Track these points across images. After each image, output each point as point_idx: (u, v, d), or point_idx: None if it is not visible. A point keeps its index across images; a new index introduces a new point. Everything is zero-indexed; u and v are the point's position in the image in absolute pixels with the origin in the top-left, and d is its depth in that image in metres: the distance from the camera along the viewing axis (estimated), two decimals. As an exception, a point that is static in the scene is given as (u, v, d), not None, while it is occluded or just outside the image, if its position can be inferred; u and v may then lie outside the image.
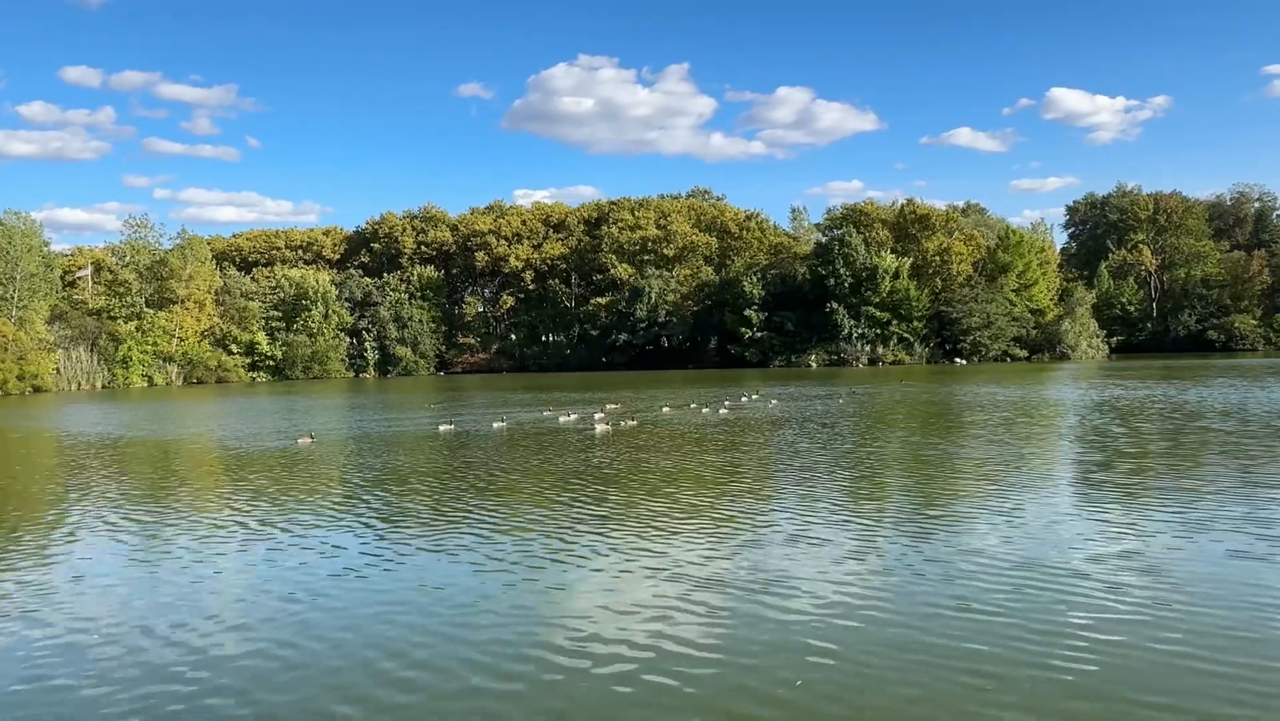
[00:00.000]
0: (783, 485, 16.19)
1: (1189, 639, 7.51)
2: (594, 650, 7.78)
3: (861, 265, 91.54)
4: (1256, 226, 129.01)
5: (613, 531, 12.52)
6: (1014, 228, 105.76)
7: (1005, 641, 7.60)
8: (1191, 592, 8.80)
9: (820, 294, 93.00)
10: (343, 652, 7.94)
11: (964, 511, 13.25)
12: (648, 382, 62.00)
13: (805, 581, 9.64)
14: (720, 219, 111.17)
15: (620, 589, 9.65)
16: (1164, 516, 12.35)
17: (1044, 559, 10.23)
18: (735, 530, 12.41)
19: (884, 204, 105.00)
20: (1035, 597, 8.79)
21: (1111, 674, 6.85)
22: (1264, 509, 12.66)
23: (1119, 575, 9.51)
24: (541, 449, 22.77)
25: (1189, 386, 40.33)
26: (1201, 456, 18.22)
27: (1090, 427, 24.79)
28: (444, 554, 11.58)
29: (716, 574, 10.08)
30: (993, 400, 35.84)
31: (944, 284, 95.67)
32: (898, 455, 19.88)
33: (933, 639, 7.74)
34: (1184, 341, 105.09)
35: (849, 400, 38.24)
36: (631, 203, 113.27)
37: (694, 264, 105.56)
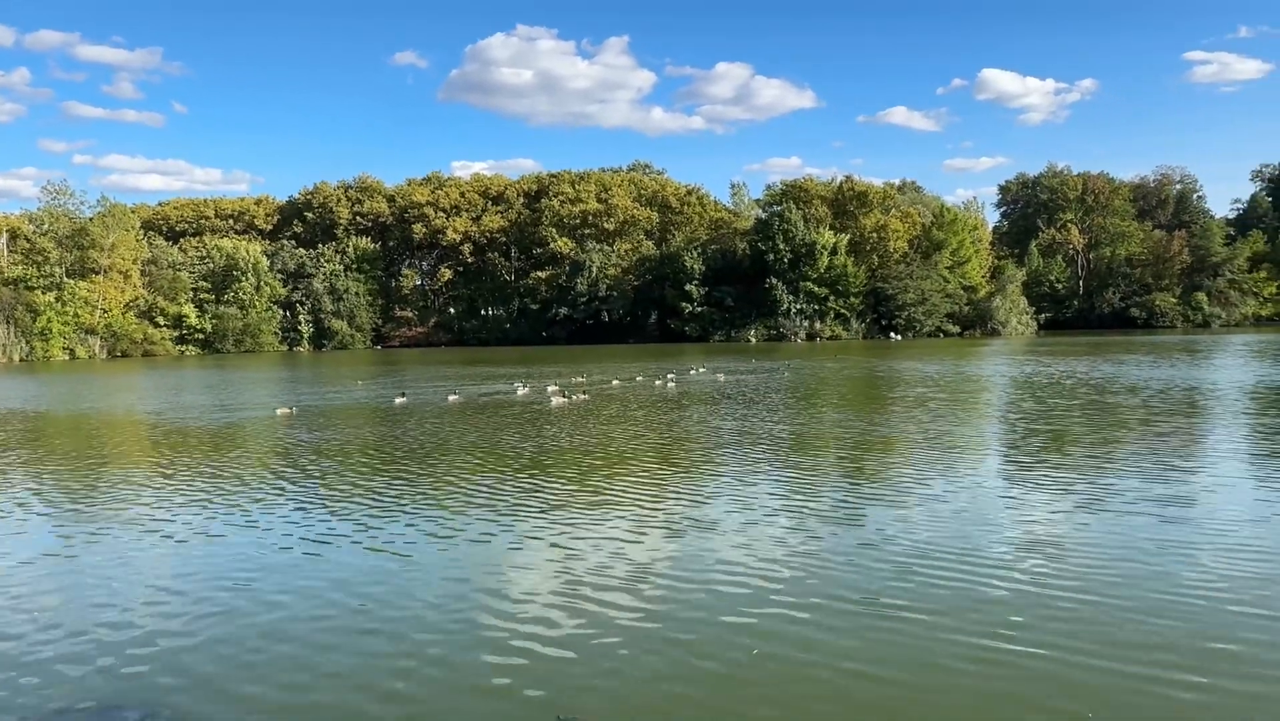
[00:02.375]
0: (729, 459, 16.29)
1: (1103, 613, 7.76)
2: (539, 629, 7.74)
3: (800, 241, 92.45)
4: (1178, 208, 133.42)
5: (562, 507, 12.46)
6: (948, 206, 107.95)
7: (936, 616, 7.76)
8: (1102, 567, 9.09)
9: (760, 269, 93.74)
10: (276, 632, 7.77)
11: (898, 489, 13.48)
12: (589, 357, 61.90)
13: (750, 557, 9.72)
14: (661, 193, 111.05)
15: (568, 562, 9.61)
16: (1083, 492, 12.73)
17: (969, 532, 10.47)
18: (690, 504, 12.45)
19: (823, 181, 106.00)
20: (963, 571, 8.99)
21: (1037, 647, 7.05)
22: (1178, 484, 13.14)
23: (1043, 551, 9.77)
24: (502, 421, 22.58)
25: (1110, 363, 41.69)
26: (1119, 433, 18.82)
27: (1019, 404, 25.45)
28: (392, 529, 11.39)
29: (663, 549, 10.11)
30: (926, 376, 36.58)
31: (880, 260, 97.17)
32: (834, 431, 20.15)
33: (868, 619, 7.87)
34: (1108, 318, 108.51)
35: (789, 374, 38.68)
36: (572, 176, 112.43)
37: (635, 238, 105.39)
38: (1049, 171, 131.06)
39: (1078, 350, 55.31)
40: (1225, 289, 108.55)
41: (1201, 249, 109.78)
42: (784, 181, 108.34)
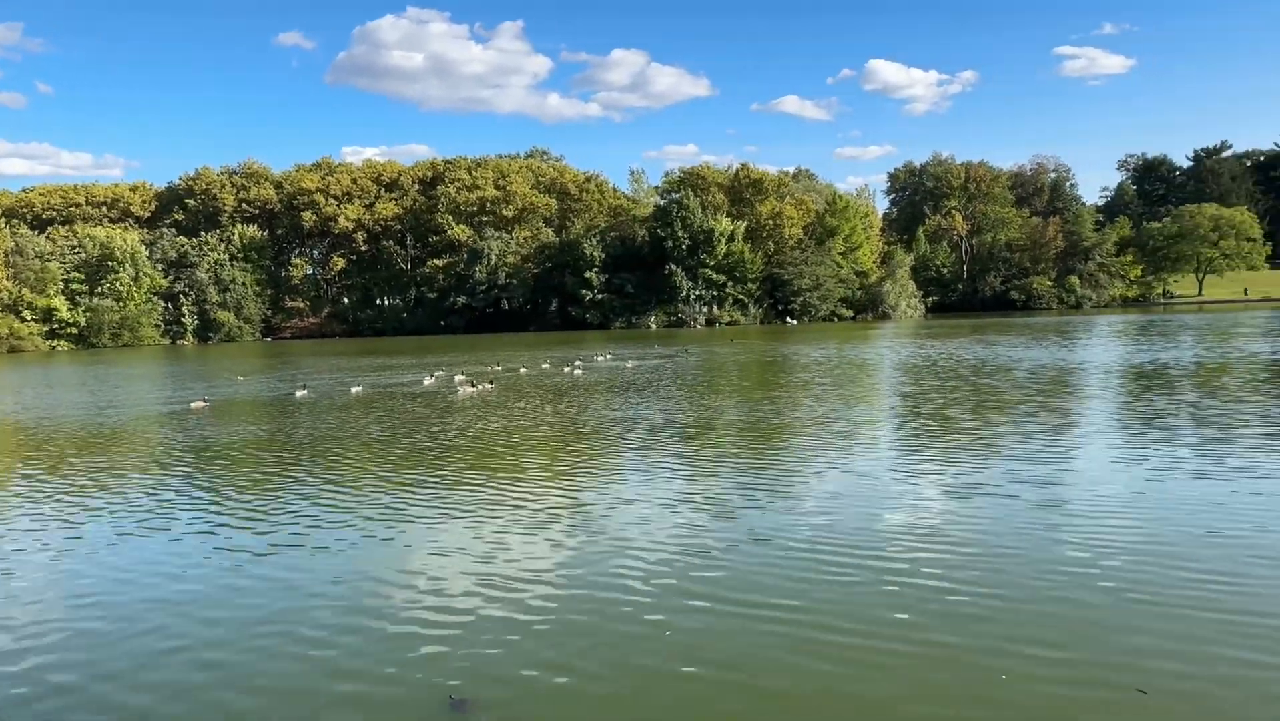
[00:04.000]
0: (633, 446, 16.46)
1: (989, 589, 8.24)
2: (439, 616, 7.74)
3: (699, 228, 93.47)
4: (1052, 195, 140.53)
5: (471, 497, 12.39)
6: (840, 193, 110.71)
7: (840, 594, 8.09)
8: (992, 543, 9.63)
9: (659, 256, 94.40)
10: (175, 632, 7.54)
11: (790, 474, 13.91)
12: (491, 346, 61.33)
13: (649, 546, 9.89)
14: (560, 180, 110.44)
15: (472, 552, 9.60)
16: (962, 475, 13.41)
17: (854, 519, 10.92)
18: (595, 493, 12.54)
19: (719, 168, 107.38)
20: (849, 561, 9.38)
21: (926, 627, 7.44)
22: (1049, 464, 13.95)
23: (925, 537, 10.27)
24: (410, 413, 22.17)
25: (985, 345, 43.73)
26: (994, 414, 19.83)
27: (904, 388, 26.47)
28: (292, 525, 11.13)
29: (567, 538, 10.19)
30: (820, 360, 37.63)
31: (777, 247, 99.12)
32: (731, 417, 20.57)
33: (778, 597, 8.14)
34: (990, 301, 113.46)
35: (689, 360, 39.20)
36: (468, 162, 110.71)
37: (534, 225, 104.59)
38: (934, 160, 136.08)
39: (961, 332, 57.77)
40: (1095, 272, 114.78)
41: (1074, 234, 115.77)
42: (682, 169, 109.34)
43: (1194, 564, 8.39)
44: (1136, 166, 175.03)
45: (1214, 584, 7.83)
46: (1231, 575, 8.03)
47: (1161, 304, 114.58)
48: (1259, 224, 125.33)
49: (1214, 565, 8.32)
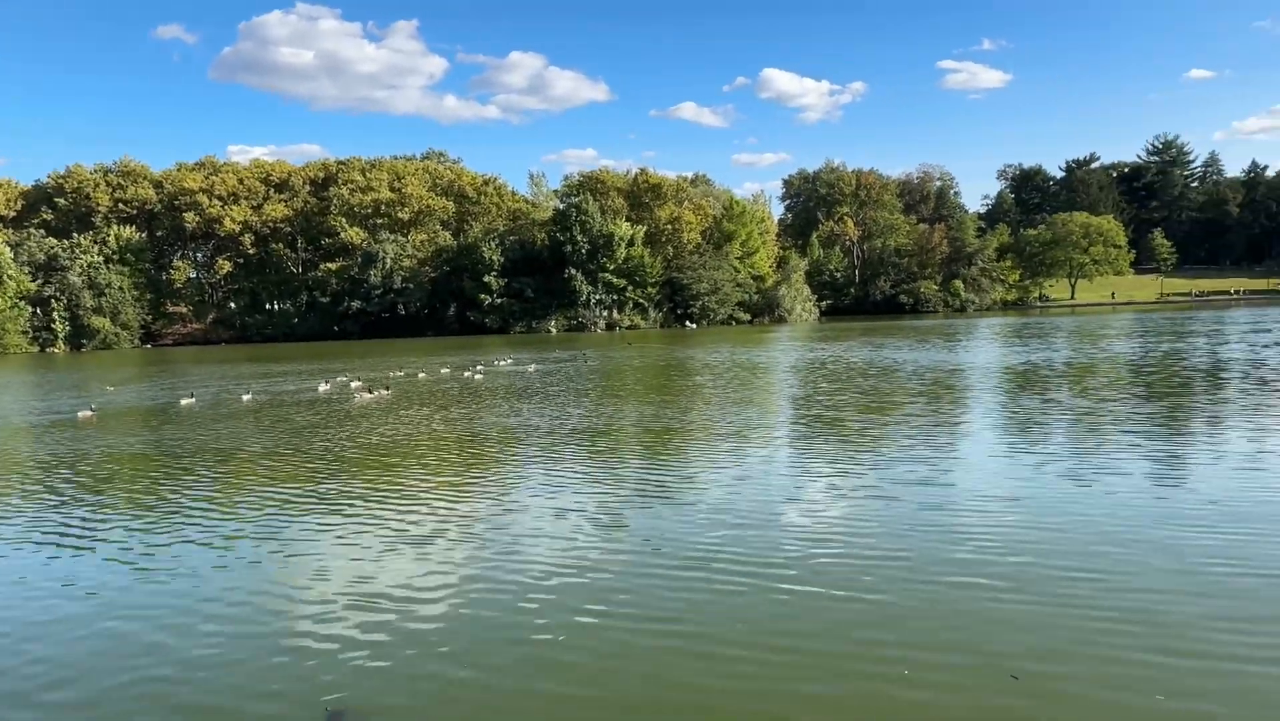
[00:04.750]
0: (529, 452, 16.34)
1: (876, 584, 8.52)
2: (320, 627, 7.51)
3: (598, 233, 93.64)
4: (938, 202, 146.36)
5: (367, 506, 12.05)
6: (737, 199, 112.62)
7: (734, 593, 8.22)
8: (878, 546, 9.96)
9: (559, 260, 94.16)
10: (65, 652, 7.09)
11: (686, 477, 14.06)
12: (388, 351, 60.00)
13: (547, 550, 9.84)
14: (457, 183, 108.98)
15: (366, 563, 9.34)
16: (854, 471, 13.82)
17: (761, 511, 11.13)
18: (490, 501, 12.37)
19: (618, 173, 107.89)
20: (741, 568, 9.55)
21: (816, 621, 7.63)
22: (935, 465, 14.52)
23: (816, 543, 10.55)
24: (304, 421, 21.38)
25: (872, 347, 45.24)
26: (882, 416, 20.53)
27: (796, 390, 27.10)
28: (173, 539, 10.60)
29: (461, 547, 10.03)
30: (716, 364, 38.19)
31: (675, 251, 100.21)
32: (626, 422, 20.67)
33: (664, 600, 8.21)
34: (881, 305, 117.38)
35: (587, 364, 39.20)
36: (362, 163, 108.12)
37: (431, 228, 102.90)
38: (826, 168, 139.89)
39: (852, 334, 59.55)
40: (978, 277, 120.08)
41: (958, 240, 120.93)
42: (581, 173, 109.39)
43: (1066, 558, 8.86)
44: (1014, 176, 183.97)
45: (1086, 577, 8.28)
46: (1101, 568, 8.52)
47: (1038, 307, 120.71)
48: (1124, 231, 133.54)
49: (1085, 559, 8.80)
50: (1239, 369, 26.88)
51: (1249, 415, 17.62)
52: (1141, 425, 16.80)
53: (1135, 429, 16.38)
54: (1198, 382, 23.94)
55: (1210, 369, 27.29)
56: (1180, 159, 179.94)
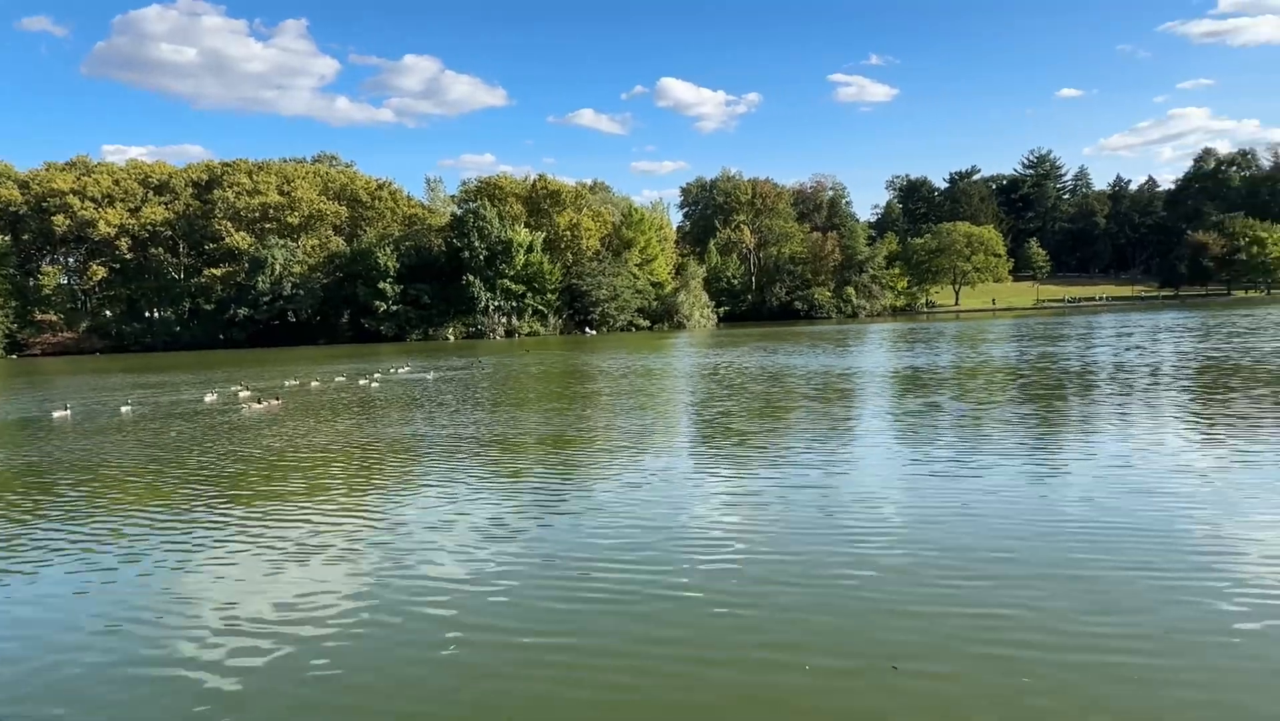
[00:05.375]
0: (424, 462, 16.00)
1: (781, 582, 8.67)
2: (236, 641, 7.17)
3: (497, 239, 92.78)
4: (830, 212, 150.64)
5: (253, 520, 11.54)
6: (636, 206, 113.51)
7: (644, 598, 8.22)
8: (770, 549, 10.14)
9: (456, 266, 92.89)
10: None
11: (586, 482, 14.03)
12: (278, 360, 57.97)
13: (439, 565, 9.64)
14: (350, 187, 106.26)
15: (252, 581, 8.95)
16: (745, 475, 14.05)
17: (657, 519, 11.19)
18: (383, 513, 12.04)
19: (517, 179, 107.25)
20: (640, 576, 9.59)
21: (733, 620, 7.70)
22: (829, 464, 14.90)
23: (712, 540, 10.68)
24: (189, 433, 20.30)
25: (764, 353, 46.20)
26: (776, 421, 20.97)
27: (692, 396, 27.39)
28: (51, 560, 9.92)
29: (353, 560, 9.74)
30: (614, 370, 38.29)
31: (575, 258, 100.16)
32: (522, 430, 20.51)
33: (565, 606, 8.15)
34: (777, 310, 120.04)
35: (484, 371, 38.72)
36: (249, 165, 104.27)
37: (322, 233, 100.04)
38: (723, 176, 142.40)
39: (749, 340, 60.65)
40: (869, 284, 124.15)
41: (849, 249, 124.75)
42: (479, 178, 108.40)
43: (950, 554, 9.21)
44: (902, 187, 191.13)
45: (969, 571, 8.62)
46: (982, 562, 8.89)
47: (925, 312, 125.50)
48: (1003, 241, 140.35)
49: (968, 555, 9.17)
50: (1105, 371, 28.53)
51: (1115, 415, 18.71)
52: (1019, 426, 17.63)
53: (1014, 429, 17.18)
54: (1070, 385, 25.27)
55: (1080, 371, 28.87)
56: (1053, 172, 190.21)
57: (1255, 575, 8.22)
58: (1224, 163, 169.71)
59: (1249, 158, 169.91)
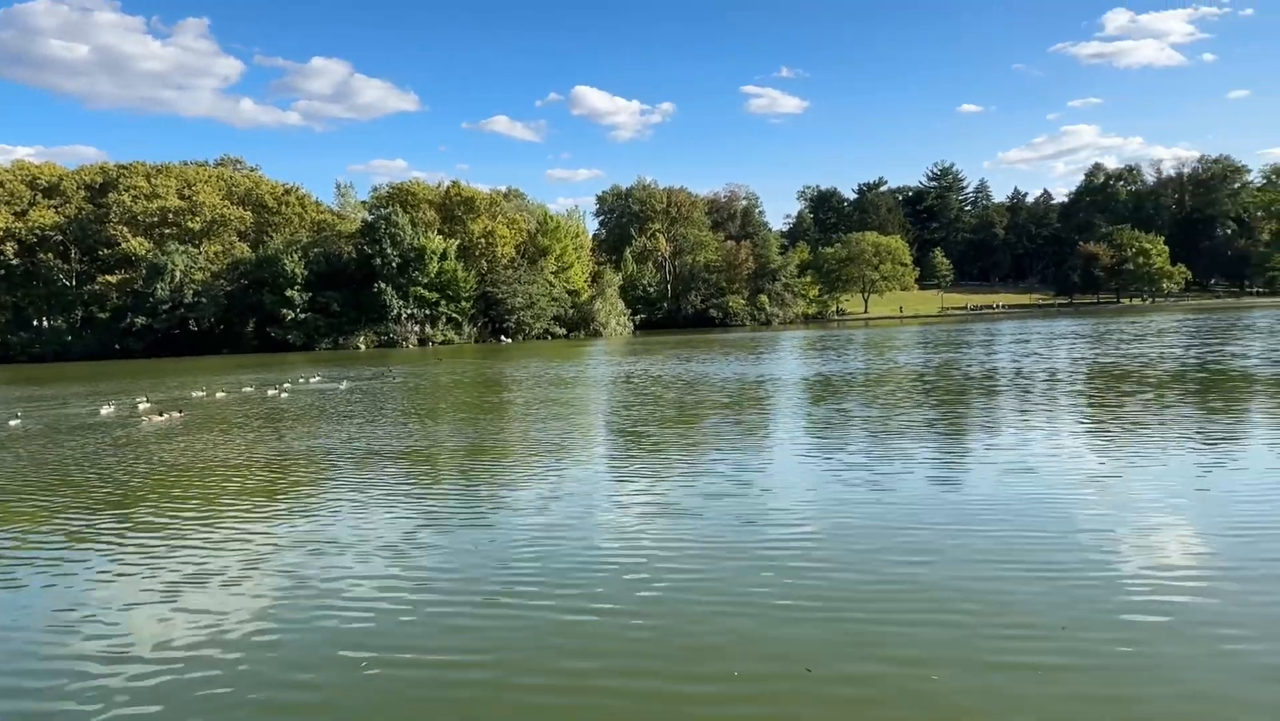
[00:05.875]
0: (335, 474, 15.56)
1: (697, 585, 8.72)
2: (132, 662, 6.81)
3: (409, 246, 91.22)
4: (744, 221, 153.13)
5: (157, 539, 11.01)
6: (552, 214, 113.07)
7: (556, 601, 8.14)
8: (680, 561, 10.20)
9: (368, 273, 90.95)
10: None
11: (499, 495, 13.88)
12: (181, 370, 55.68)
13: (346, 585, 9.39)
14: (255, 191, 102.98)
15: (148, 604, 8.54)
16: (672, 482, 14.12)
17: (570, 533, 11.14)
18: (294, 527, 11.64)
19: (430, 185, 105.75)
20: (580, 559, 9.53)
21: (643, 622, 7.69)
22: (739, 472, 15.07)
23: (636, 546, 10.69)
24: (85, 447, 19.21)
25: (686, 360, 46.61)
26: (690, 424, 21.15)
27: (608, 402, 27.41)
28: None
29: (263, 577, 9.39)
30: (530, 378, 38.03)
31: (489, 265, 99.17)
32: (439, 437, 20.19)
33: (479, 621, 8.03)
34: (692, 318, 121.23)
35: (395, 380, 37.97)
36: (147, 168, 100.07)
37: (226, 239, 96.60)
38: (639, 185, 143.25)
39: (665, 347, 61.04)
40: (782, 292, 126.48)
41: (763, 257, 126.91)
42: (391, 184, 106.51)
43: (858, 559, 9.42)
44: (813, 197, 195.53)
45: (877, 575, 8.84)
46: (890, 566, 9.12)
47: (836, 320, 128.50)
48: (909, 250, 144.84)
49: (876, 560, 9.39)
50: (1006, 377, 29.67)
51: (1016, 420, 19.46)
52: (926, 432, 18.18)
53: (921, 435, 17.70)
54: (973, 390, 26.20)
55: (983, 377, 29.96)
56: (955, 185, 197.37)
57: (1147, 572, 8.65)
58: (1112, 177, 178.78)
59: (1134, 173, 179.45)
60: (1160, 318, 79.77)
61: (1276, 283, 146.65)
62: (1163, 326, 61.92)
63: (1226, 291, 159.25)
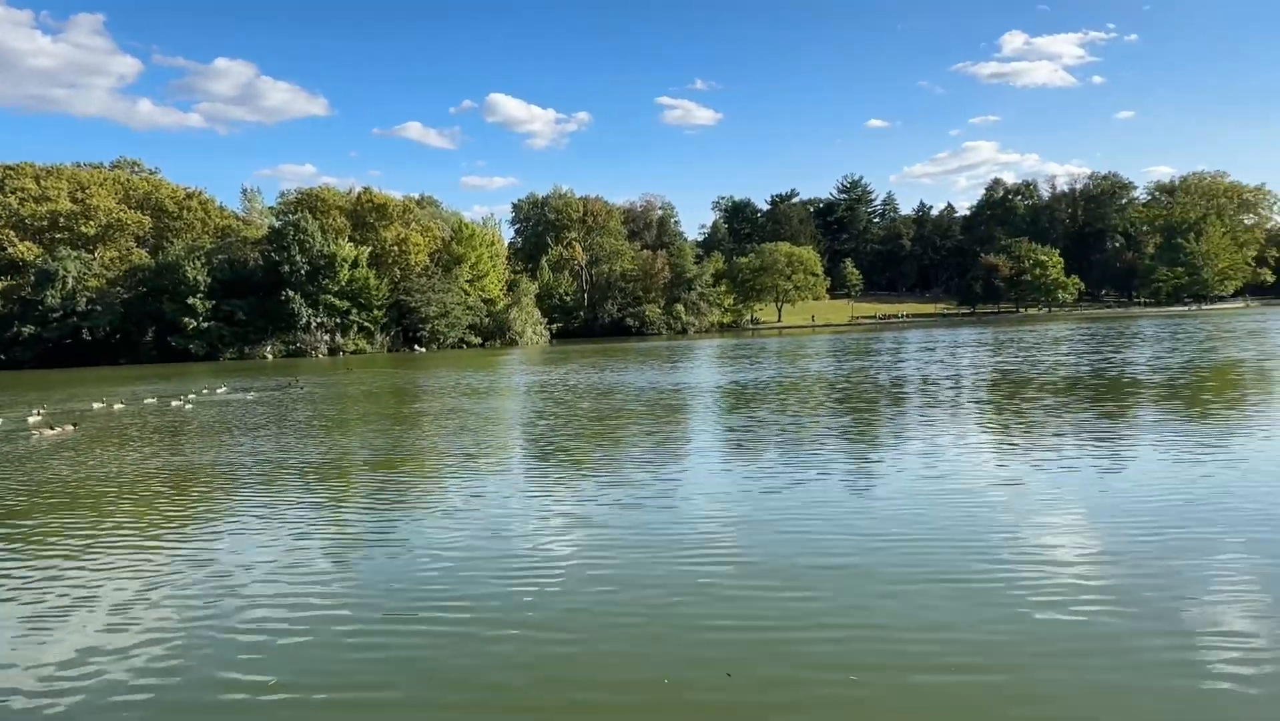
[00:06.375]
0: (242, 488, 14.96)
1: (611, 593, 8.65)
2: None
3: (319, 253, 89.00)
4: (660, 230, 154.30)
5: (34, 563, 10.37)
6: (467, 221, 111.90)
7: (470, 616, 7.96)
8: (592, 572, 10.14)
9: (275, 281, 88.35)
10: None
11: (419, 508, 13.58)
12: (74, 381, 52.92)
13: (256, 603, 9.02)
14: (155, 195, 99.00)
15: (56, 625, 8.03)
16: (585, 494, 14.04)
17: (479, 549, 10.95)
18: (196, 544, 11.11)
19: (341, 191, 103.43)
20: (470, 607, 9.35)
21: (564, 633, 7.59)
22: (654, 480, 15.09)
23: (568, 555, 10.58)
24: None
25: (600, 368, 46.60)
26: (603, 435, 21.12)
27: (523, 412, 27.16)
28: None
29: (162, 601, 8.93)
30: (442, 388, 37.44)
31: (403, 274, 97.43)
32: (357, 449, 19.67)
33: (387, 630, 7.80)
34: (609, 327, 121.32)
35: (302, 390, 36.88)
36: (36, 169, 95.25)
37: (123, 245, 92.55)
38: (555, 193, 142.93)
39: (581, 356, 60.86)
40: (697, 301, 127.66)
41: (679, 266, 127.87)
42: (300, 190, 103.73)
43: (772, 566, 9.52)
44: (727, 208, 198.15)
45: (794, 584, 8.94)
46: (806, 573, 9.24)
47: (750, 329, 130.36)
48: (821, 261, 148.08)
49: (788, 566, 9.51)
50: (914, 385, 30.54)
51: (924, 427, 20.02)
52: (838, 439, 18.54)
53: (833, 442, 18.05)
54: (883, 398, 26.87)
55: (891, 384, 30.78)
56: (864, 197, 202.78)
57: (1050, 572, 8.97)
58: (1011, 192, 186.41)
59: (1031, 188, 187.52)
60: (1056, 326, 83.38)
61: (1161, 293, 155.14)
62: (1058, 335, 64.71)
63: (1116, 301, 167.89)
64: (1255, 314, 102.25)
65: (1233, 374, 29.84)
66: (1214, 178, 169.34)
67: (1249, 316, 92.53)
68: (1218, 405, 21.63)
